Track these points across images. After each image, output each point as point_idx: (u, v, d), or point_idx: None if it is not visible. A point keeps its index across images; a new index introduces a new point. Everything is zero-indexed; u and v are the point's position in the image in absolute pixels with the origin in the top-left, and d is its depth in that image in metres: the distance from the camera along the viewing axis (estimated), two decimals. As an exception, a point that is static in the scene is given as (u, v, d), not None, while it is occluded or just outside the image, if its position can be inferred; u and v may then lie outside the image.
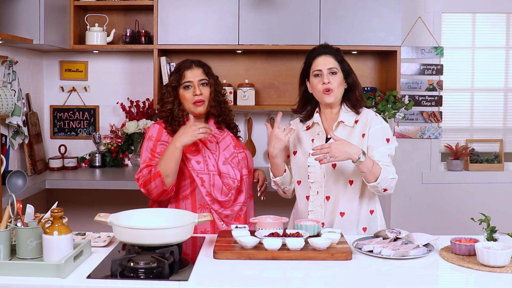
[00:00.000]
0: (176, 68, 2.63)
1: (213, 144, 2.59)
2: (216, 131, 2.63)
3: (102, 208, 3.60)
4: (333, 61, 2.49)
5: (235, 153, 2.63)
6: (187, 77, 2.57)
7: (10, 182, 2.11)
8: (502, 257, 1.91)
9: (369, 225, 2.52)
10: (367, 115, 2.53)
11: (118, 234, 2.00)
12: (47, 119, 4.21)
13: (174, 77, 2.59)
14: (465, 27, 4.46)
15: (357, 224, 2.50)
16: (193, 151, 2.55)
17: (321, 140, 2.51)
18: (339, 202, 2.48)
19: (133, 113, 4.13)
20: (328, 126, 2.53)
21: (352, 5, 3.76)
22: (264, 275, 1.94)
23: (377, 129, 2.47)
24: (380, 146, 2.44)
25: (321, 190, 2.49)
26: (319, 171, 2.47)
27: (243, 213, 2.63)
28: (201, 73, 2.59)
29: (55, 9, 3.62)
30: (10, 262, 1.90)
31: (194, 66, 2.60)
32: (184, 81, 2.56)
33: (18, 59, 3.66)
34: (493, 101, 4.52)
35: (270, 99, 4.14)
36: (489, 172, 4.42)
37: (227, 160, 2.58)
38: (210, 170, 2.53)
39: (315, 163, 2.44)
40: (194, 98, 2.55)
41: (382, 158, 2.40)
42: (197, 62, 2.63)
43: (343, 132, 2.49)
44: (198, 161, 2.54)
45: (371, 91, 3.95)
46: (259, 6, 3.75)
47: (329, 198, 2.49)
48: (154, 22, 3.79)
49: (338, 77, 2.47)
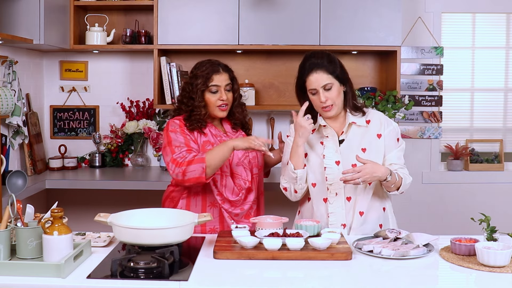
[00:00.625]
0: (203, 70, 2.64)
1: None
2: (230, 131, 2.71)
3: (102, 208, 3.60)
4: (325, 76, 2.43)
5: (246, 153, 2.68)
6: (215, 81, 2.62)
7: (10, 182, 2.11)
8: (502, 257, 1.91)
9: (384, 222, 2.55)
10: (379, 115, 2.56)
11: (118, 234, 2.01)
12: (47, 119, 4.21)
13: (202, 81, 2.61)
14: (465, 27, 4.46)
15: (376, 222, 2.52)
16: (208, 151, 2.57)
17: (332, 141, 2.50)
18: (358, 201, 2.49)
19: (133, 113, 4.13)
20: (336, 129, 2.52)
21: (352, 5, 3.75)
22: (264, 275, 1.94)
23: (391, 130, 2.52)
24: (394, 148, 2.51)
25: (340, 191, 2.48)
26: (337, 172, 2.45)
27: (253, 211, 2.68)
28: (228, 78, 2.65)
29: (55, 9, 3.62)
30: (10, 262, 1.90)
31: (222, 70, 2.65)
32: (211, 85, 2.61)
33: (18, 59, 3.66)
34: (493, 101, 4.52)
35: (270, 99, 4.14)
36: (489, 172, 4.42)
37: (240, 161, 2.63)
38: (223, 171, 2.59)
39: (333, 164, 2.46)
40: (219, 103, 2.61)
41: (398, 161, 2.49)
42: (224, 67, 2.67)
43: (357, 132, 2.50)
44: None
45: (371, 91, 3.95)
46: (259, 6, 3.75)
47: (350, 198, 2.49)
48: (154, 22, 3.79)
49: (334, 90, 2.45)
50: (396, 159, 2.48)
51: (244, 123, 2.79)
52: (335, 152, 2.48)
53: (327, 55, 2.49)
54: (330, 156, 2.47)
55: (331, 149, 2.49)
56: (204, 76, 2.61)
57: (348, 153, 2.46)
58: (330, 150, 2.49)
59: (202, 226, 2.59)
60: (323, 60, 2.46)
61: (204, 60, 2.70)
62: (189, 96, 2.63)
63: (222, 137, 2.65)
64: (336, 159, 2.47)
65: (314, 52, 2.52)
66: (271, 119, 4.12)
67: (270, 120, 4.13)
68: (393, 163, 2.47)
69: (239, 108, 2.72)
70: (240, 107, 2.72)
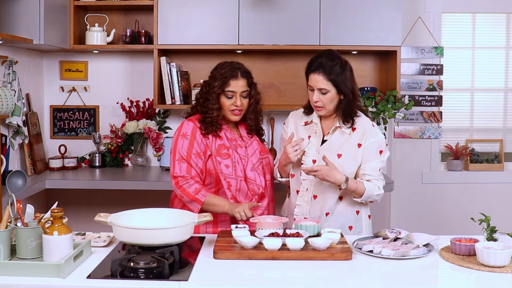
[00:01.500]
0: (222, 73, 2.62)
1: (242, 149, 2.66)
2: (245, 135, 2.72)
3: (102, 208, 3.60)
4: (324, 81, 2.49)
5: (260, 158, 2.70)
6: (231, 86, 2.60)
7: (10, 182, 2.11)
8: (502, 257, 1.91)
9: (355, 224, 2.63)
10: (365, 125, 2.60)
11: (118, 234, 2.01)
12: (47, 119, 4.21)
13: (219, 84, 2.60)
14: (465, 27, 4.46)
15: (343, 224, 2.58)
16: (224, 155, 2.60)
17: (317, 139, 2.61)
18: (326, 203, 2.58)
19: (133, 113, 4.13)
20: (325, 127, 2.63)
21: (352, 5, 3.75)
22: (264, 275, 1.94)
23: (372, 142, 2.58)
24: (372, 160, 2.57)
25: (310, 188, 2.59)
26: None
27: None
28: (245, 85, 2.63)
29: (55, 9, 3.62)
30: (10, 262, 1.90)
31: (240, 76, 2.62)
32: (227, 90, 2.60)
33: (18, 59, 3.66)
34: (493, 101, 4.52)
35: (270, 99, 4.14)
36: (489, 172, 4.42)
37: (254, 166, 2.65)
38: (237, 176, 2.60)
39: (309, 162, 2.58)
40: (233, 108, 2.61)
41: (372, 173, 2.56)
42: (243, 72, 2.65)
43: (340, 138, 2.59)
44: (227, 165, 2.60)
45: (371, 91, 3.95)
46: (259, 6, 3.75)
47: (316, 197, 2.59)
48: (154, 22, 3.78)
49: (329, 96, 2.51)
50: (370, 171, 2.55)
51: (259, 128, 2.78)
52: (315, 151, 2.59)
53: (338, 62, 2.51)
54: (309, 154, 2.59)
55: (313, 147, 2.60)
56: (222, 79, 2.60)
57: (326, 154, 2.53)
58: (312, 148, 2.60)
59: (214, 228, 2.58)
60: (329, 65, 2.49)
61: (226, 62, 2.69)
62: (205, 97, 2.64)
63: (237, 141, 2.66)
64: (313, 157, 2.58)
65: (329, 53, 2.55)
66: (271, 119, 4.12)
67: (270, 120, 4.13)
68: (367, 173, 2.55)
69: (252, 115, 2.70)
70: (254, 114, 2.70)
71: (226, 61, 2.70)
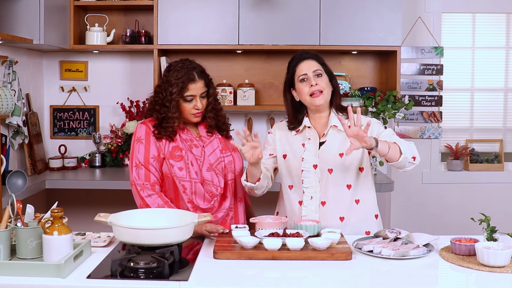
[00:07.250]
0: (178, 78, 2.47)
1: (198, 149, 2.51)
2: (205, 135, 2.57)
3: (102, 208, 3.59)
4: (316, 64, 2.49)
5: (221, 158, 2.54)
6: (190, 90, 2.46)
7: (10, 182, 2.11)
8: (502, 257, 1.91)
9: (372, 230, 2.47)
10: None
11: (118, 234, 2.00)
12: (47, 119, 4.21)
13: (177, 90, 2.45)
14: (465, 27, 4.46)
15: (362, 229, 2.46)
16: (177, 157, 2.47)
17: (314, 143, 2.47)
18: (338, 207, 2.45)
19: (133, 113, 4.13)
20: (319, 130, 2.50)
21: (352, 5, 3.76)
22: (264, 275, 1.94)
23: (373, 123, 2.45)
24: (383, 131, 2.45)
25: (315, 195, 2.45)
26: (313, 176, 2.44)
27: (229, 218, 2.55)
28: (203, 86, 2.50)
29: (55, 9, 3.62)
30: (10, 262, 1.90)
31: (198, 78, 2.48)
32: (187, 95, 2.46)
33: (18, 59, 3.66)
34: (493, 101, 4.53)
35: (270, 99, 4.14)
36: (489, 172, 4.42)
37: (211, 167, 2.50)
38: (192, 178, 2.46)
39: (310, 168, 2.44)
40: (194, 111, 2.49)
41: (390, 138, 2.39)
42: (199, 73, 2.50)
43: (337, 136, 2.46)
44: (181, 168, 2.46)
45: (371, 91, 3.95)
46: (259, 6, 3.75)
47: (325, 203, 2.45)
48: (154, 22, 3.79)
49: (324, 79, 2.46)
50: (388, 137, 2.39)
51: (220, 125, 2.61)
52: (314, 155, 2.45)
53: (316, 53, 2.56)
54: (308, 160, 2.45)
55: (311, 152, 2.46)
56: (179, 84, 2.45)
57: (326, 156, 2.44)
58: (310, 153, 2.46)
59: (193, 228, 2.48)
60: (313, 54, 2.54)
61: (178, 63, 2.52)
62: (163, 103, 2.48)
63: (193, 141, 2.51)
64: (314, 162, 2.44)
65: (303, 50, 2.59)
66: (271, 119, 4.12)
67: (270, 120, 4.13)
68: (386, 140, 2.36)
69: (212, 113, 2.55)
70: (213, 112, 2.55)
71: (178, 62, 2.54)
